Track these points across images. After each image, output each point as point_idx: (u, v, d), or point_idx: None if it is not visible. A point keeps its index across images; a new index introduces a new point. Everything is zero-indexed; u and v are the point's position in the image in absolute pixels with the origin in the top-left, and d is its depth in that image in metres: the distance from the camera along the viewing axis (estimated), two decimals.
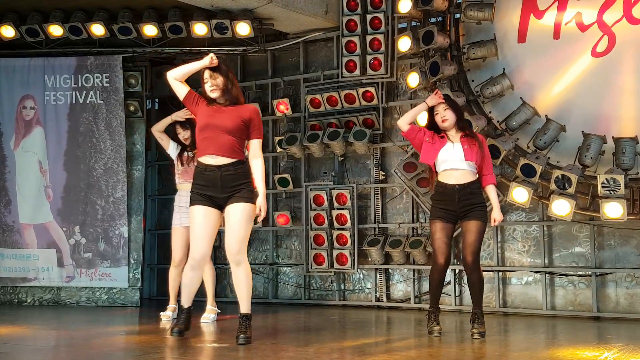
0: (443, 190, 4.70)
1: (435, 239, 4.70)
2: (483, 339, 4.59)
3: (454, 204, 4.66)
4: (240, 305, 4.40)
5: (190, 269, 4.46)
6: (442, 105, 4.76)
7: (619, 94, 5.91)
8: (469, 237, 4.65)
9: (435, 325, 4.75)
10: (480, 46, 6.29)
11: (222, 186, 4.35)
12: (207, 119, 4.40)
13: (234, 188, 4.36)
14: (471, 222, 4.65)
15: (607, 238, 6.13)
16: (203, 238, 4.39)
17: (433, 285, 4.79)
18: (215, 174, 4.35)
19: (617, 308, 6.04)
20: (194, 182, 4.45)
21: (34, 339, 4.95)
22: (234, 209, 4.35)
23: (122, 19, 7.24)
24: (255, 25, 7.02)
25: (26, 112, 7.55)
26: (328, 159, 7.37)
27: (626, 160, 5.61)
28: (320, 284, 7.36)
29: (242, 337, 4.29)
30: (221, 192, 4.36)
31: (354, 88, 7.00)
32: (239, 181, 4.37)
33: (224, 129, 4.36)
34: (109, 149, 7.44)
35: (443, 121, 4.73)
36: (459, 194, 4.64)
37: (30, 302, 7.44)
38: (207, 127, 4.39)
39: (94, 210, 7.41)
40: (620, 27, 5.92)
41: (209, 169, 4.37)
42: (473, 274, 4.67)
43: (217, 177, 4.35)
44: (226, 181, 4.35)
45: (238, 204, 4.34)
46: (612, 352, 4.08)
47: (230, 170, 4.35)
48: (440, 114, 4.74)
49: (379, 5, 6.88)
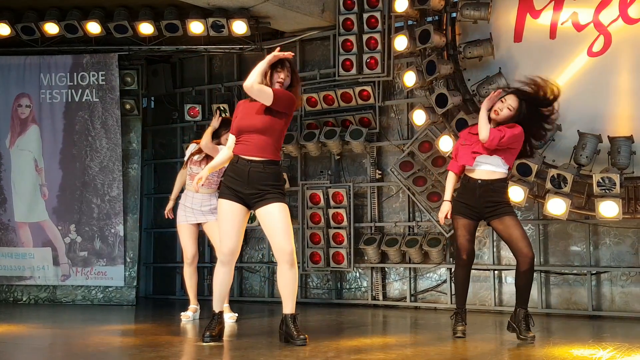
0: (466, 183, 4.65)
1: (458, 236, 4.64)
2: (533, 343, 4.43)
3: (473, 200, 4.57)
4: (286, 306, 4.30)
5: (221, 265, 4.33)
6: (512, 101, 4.55)
7: (614, 94, 5.93)
8: (514, 231, 4.48)
9: (458, 325, 4.63)
10: (477, 45, 6.30)
11: (249, 182, 4.22)
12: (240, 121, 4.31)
13: (262, 188, 4.24)
14: (505, 217, 4.51)
15: (603, 237, 6.15)
16: (230, 233, 4.28)
17: (458, 283, 4.71)
18: (244, 167, 4.25)
19: (612, 307, 6.06)
20: (226, 172, 4.40)
21: (29, 337, 4.94)
22: (275, 209, 4.22)
23: (118, 17, 7.22)
24: (252, 24, 7.01)
25: (22, 110, 7.53)
26: (324, 158, 7.37)
27: (622, 160, 5.62)
28: (317, 283, 7.37)
29: (301, 338, 4.21)
30: (247, 187, 4.23)
31: (350, 87, 7.00)
32: (267, 181, 4.25)
33: (254, 129, 4.26)
34: (104, 148, 7.43)
35: (495, 112, 4.53)
36: (480, 190, 4.55)
37: (26, 301, 7.43)
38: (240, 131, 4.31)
39: (89, 209, 7.40)
40: (616, 27, 5.93)
41: (241, 162, 4.27)
42: (530, 271, 4.46)
43: (245, 171, 4.24)
44: (253, 178, 4.22)
45: (276, 204, 4.23)
46: (608, 351, 4.09)
47: (259, 168, 4.24)
48: (498, 106, 4.54)
49: (375, 4, 6.88)
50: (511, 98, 4.58)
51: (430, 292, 6.81)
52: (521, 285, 4.54)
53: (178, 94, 8.30)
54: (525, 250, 4.44)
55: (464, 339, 4.57)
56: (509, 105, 4.55)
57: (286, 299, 4.29)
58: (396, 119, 7.06)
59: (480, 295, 6.56)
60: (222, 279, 4.36)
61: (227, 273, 4.35)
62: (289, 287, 4.27)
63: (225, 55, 7.95)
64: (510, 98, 4.58)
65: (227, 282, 4.39)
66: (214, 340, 4.30)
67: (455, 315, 4.71)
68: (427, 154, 6.50)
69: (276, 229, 4.22)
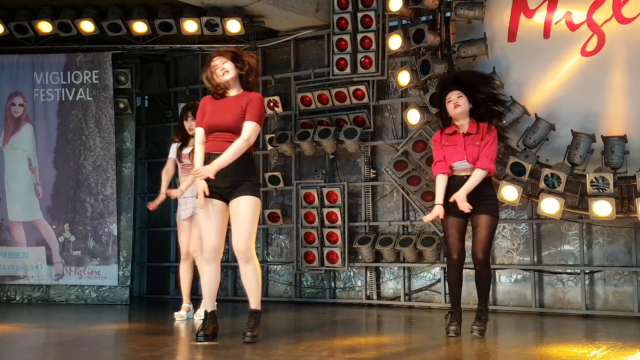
0: (451, 182, 4.67)
1: (448, 235, 4.67)
2: (482, 337, 4.57)
3: None
4: (249, 302, 4.34)
5: (206, 264, 4.36)
6: (456, 92, 4.69)
7: (608, 93, 5.94)
8: (479, 232, 4.61)
9: (452, 325, 4.66)
10: (471, 45, 6.31)
11: (223, 174, 4.24)
12: (209, 118, 4.35)
13: (235, 179, 4.26)
14: (481, 216, 4.61)
15: (596, 236, 6.16)
16: (212, 230, 4.30)
17: (451, 283, 4.75)
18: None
19: (605, 306, 6.08)
20: None
21: (23, 337, 4.92)
22: (239, 203, 4.26)
23: (112, 16, 7.20)
24: (246, 23, 7.00)
25: (15, 109, 7.51)
26: (319, 157, 7.36)
27: (615, 159, 5.64)
28: (311, 282, 7.37)
29: (248, 336, 4.25)
30: (221, 180, 4.25)
31: (344, 86, 7.00)
32: (239, 172, 4.27)
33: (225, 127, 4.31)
34: (98, 147, 7.41)
35: (456, 106, 4.64)
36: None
37: (19, 300, 7.40)
38: (210, 128, 4.34)
39: (83, 208, 7.38)
40: (609, 27, 5.95)
41: (212, 158, 4.29)
42: (482, 271, 4.63)
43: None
44: (227, 170, 4.24)
45: (242, 197, 4.25)
46: (601, 350, 4.11)
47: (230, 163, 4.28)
48: (452, 100, 4.66)
49: (369, 3, 6.88)
50: (454, 92, 4.69)
51: (425, 291, 6.82)
52: (476, 284, 4.73)
53: (172, 93, 8.28)
54: (478, 254, 4.61)
55: (458, 338, 4.58)
56: (459, 94, 4.67)
57: (249, 295, 4.36)
58: (390, 119, 7.06)
59: (475, 295, 6.55)
60: (209, 277, 4.37)
61: (214, 271, 4.36)
62: (249, 283, 4.34)
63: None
64: (454, 93, 4.69)
65: (215, 280, 4.40)
66: (207, 339, 4.30)
67: (450, 315, 4.73)
68: (421, 153, 6.50)
69: (235, 225, 4.28)
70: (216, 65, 4.40)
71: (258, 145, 7.57)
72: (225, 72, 4.37)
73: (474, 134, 4.68)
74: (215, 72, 4.39)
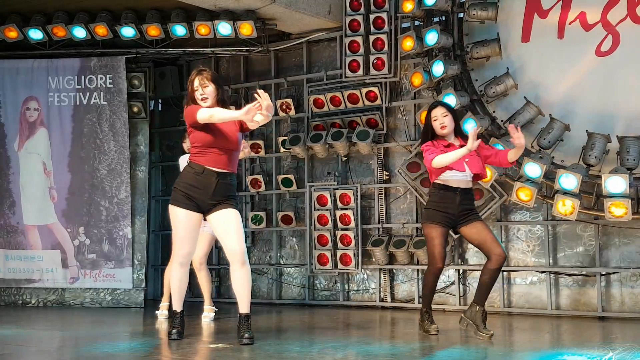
0: (445, 192, 4.70)
1: (435, 245, 4.71)
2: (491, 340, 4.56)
3: (454, 207, 4.67)
4: (241, 306, 4.40)
5: (180, 266, 4.52)
6: (441, 109, 4.76)
7: (623, 93, 5.89)
8: (488, 234, 4.66)
9: (431, 324, 4.81)
10: (484, 45, 6.28)
11: (214, 192, 4.39)
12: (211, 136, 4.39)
13: (222, 198, 4.42)
14: (477, 222, 4.69)
15: (612, 237, 6.11)
16: (187, 239, 4.46)
17: (428, 287, 4.83)
18: (211, 179, 4.38)
19: (622, 308, 6.02)
20: (183, 180, 4.46)
21: (38, 340, 4.95)
22: (228, 214, 4.41)
23: (125, 20, 7.25)
24: (259, 26, 7.01)
25: (30, 113, 7.57)
26: (331, 159, 7.36)
27: (630, 160, 5.59)
28: (324, 285, 7.36)
29: (247, 337, 4.31)
30: (211, 198, 4.40)
31: (357, 88, 6.99)
32: (229, 192, 4.46)
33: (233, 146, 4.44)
34: (112, 150, 7.45)
35: (442, 127, 4.73)
36: (460, 197, 4.68)
37: (35, 303, 7.45)
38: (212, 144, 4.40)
39: (98, 211, 7.42)
40: (624, 27, 5.90)
41: (207, 172, 4.39)
42: (499, 271, 4.66)
43: (211, 183, 4.38)
44: (220, 189, 4.40)
45: (230, 209, 4.42)
46: (617, 352, 4.06)
47: (227, 180, 4.44)
48: (439, 120, 4.73)
49: (382, 5, 6.87)
50: (439, 110, 4.75)
51: (439, 293, 6.78)
52: (486, 282, 4.69)
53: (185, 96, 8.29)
54: (499, 250, 4.63)
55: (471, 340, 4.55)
56: (444, 113, 4.73)
57: (240, 299, 4.42)
58: (403, 120, 7.04)
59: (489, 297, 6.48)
60: (181, 281, 4.55)
61: (185, 273, 4.57)
62: (243, 286, 4.42)
63: (232, 57, 7.96)
64: (437, 110, 4.75)
65: (185, 282, 4.60)
66: (180, 336, 4.52)
67: (426, 315, 4.84)
68: None
69: (230, 231, 4.39)
70: (197, 87, 4.47)
71: (271, 147, 7.59)
72: (204, 99, 4.46)
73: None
74: (194, 94, 4.48)
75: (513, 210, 6.46)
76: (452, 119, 4.75)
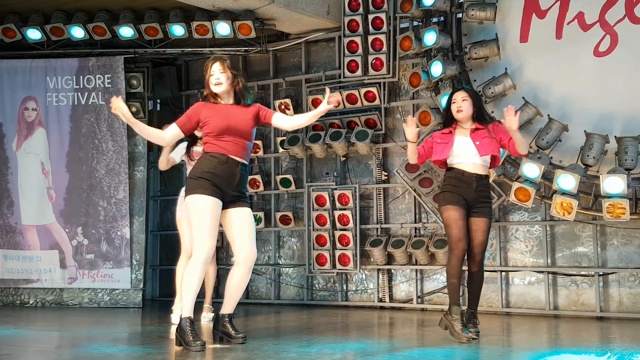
0: (460, 177, 4.59)
1: (457, 226, 4.51)
2: (477, 338, 4.58)
3: (470, 193, 4.57)
4: (230, 306, 4.35)
5: (204, 264, 4.16)
6: (462, 94, 4.69)
7: (621, 94, 5.90)
8: (479, 236, 4.61)
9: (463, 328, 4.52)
10: (483, 46, 6.28)
11: (237, 184, 4.27)
12: (223, 121, 4.28)
13: (241, 190, 4.32)
14: (481, 219, 4.60)
15: (610, 238, 6.11)
16: (214, 231, 4.20)
17: (455, 275, 4.52)
18: (235, 169, 4.26)
19: (620, 308, 6.03)
20: (206, 169, 4.23)
21: (36, 340, 4.95)
22: (245, 214, 4.30)
23: (124, 20, 7.24)
24: (257, 26, 7.01)
25: (28, 113, 7.56)
26: (330, 160, 7.36)
27: (629, 160, 5.60)
28: (323, 285, 7.36)
29: (242, 336, 4.29)
30: (233, 188, 4.26)
31: (356, 88, 6.99)
32: (243, 184, 4.35)
33: (240, 133, 4.31)
34: (110, 150, 7.45)
35: (458, 111, 4.66)
36: (477, 183, 4.58)
37: (33, 304, 7.45)
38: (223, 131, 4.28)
39: (96, 212, 7.42)
40: (622, 27, 5.90)
41: (231, 162, 4.25)
42: (479, 274, 4.65)
43: (235, 173, 4.27)
44: (241, 180, 4.31)
45: (245, 208, 4.32)
46: (616, 352, 4.06)
47: (244, 171, 4.34)
48: (457, 103, 4.67)
49: (380, 5, 6.87)
50: (460, 94, 4.69)
51: (437, 293, 6.78)
52: (470, 286, 4.71)
53: (184, 97, 8.31)
54: (477, 257, 4.63)
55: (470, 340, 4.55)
56: (464, 97, 4.66)
57: (231, 300, 4.34)
58: (402, 120, 7.04)
59: (487, 297, 6.53)
60: (202, 278, 4.20)
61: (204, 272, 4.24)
62: (238, 289, 4.34)
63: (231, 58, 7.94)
64: (458, 94, 4.70)
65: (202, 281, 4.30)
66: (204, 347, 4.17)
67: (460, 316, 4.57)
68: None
69: (243, 235, 4.27)
70: (213, 72, 4.38)
71: (270, 148, 7.59)
72: (218, 84, 4.36)
73: (482, 129, 4.65)
74: (209, 79, 4.39)
75: (511, 211, 6.46)
76: (471, 104, 4.64)
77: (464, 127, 4.68)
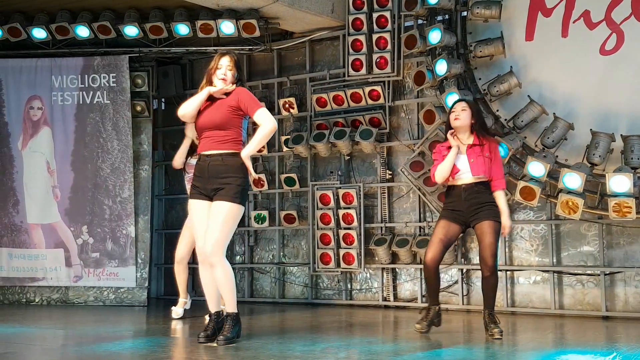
0: (451, 191, 4.76)
1: (433, 234, 4.72)
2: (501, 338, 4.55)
3: (461, 203, 4.67)
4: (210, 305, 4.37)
5: (201, 265, 4.31)
6: (461, 104, 4.80)
7: (627, 92, 5.87)
8: (485, 238, 4.60)
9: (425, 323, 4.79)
10: (488, 44, 6.26)
11: (209, 176, 4.30)
12: (198, 120, 4.42)
13: (221, 181, 4.28)
14: (484, 222, 4.62)
15: (616, 237, 6.09)
16: (201, 234, 4.30)
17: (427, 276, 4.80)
18: (204, 163, 4.36)
19: (626, 307, 6.00)
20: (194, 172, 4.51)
21: (42, 338, 4.96)
22: (217, 207, 4.27)
23: (129, 19, 7.25)
24: (261, 25, 7.01)
25: (33, 112, 7.58)
26: (334, 158, 7.35)
27: (635, 159, 5.57)
28: (327, 284, 7.35)
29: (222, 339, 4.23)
30: (207, 182, 4.31)
31: (360, 87, 6.98)
32: (227, 174, 4.28)
33: (213, 125, 4.35)
34: (116, 149, 7.46)
35: (455, 119, 4.75)
36: (466, 192, 4.67)
37: (39, 302, 7.47)
38: (201, 129, 4.42)
39: (101, 210, 7.43)
40: (628, 25, 5.88)
41: (201, 158, 4.40)
42: (492, 277, 4.64)
43: (205, 167, 4.35)
44: (213, 171, 4.30)
45: (222, 202, 4.26)
46: (621, 352, 4.05)
47: (218, 161, 4.30)
48: (455, 112, 4.77)
49: (385, 3, 6.86)
50: (460, 104, 4.82)
51: (442, 292, 6.76)
52: (484, 289, 4.72)
53: (188, 95, 8.19)
54: (488, 260, 4.60)
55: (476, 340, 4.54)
56: (463, 107, 4.77)
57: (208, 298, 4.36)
58: (406, 119, 7.03)
59: None
60: (211, 279, 4.31)
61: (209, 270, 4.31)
62: (212, 286, 4.32)
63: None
64: (458, 104, 4.82)
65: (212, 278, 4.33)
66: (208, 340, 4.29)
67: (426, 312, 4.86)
68: None
69: (210, 226, 4.26)
70: (221, 66, 4.43)
71: (274, 146, 7.59)
72: (224, 79, 4.41)
73: (478, 145, 4.72)
74: (215, 72, 4.43)
75: (517, 210, 6.44)
76: (469, 114, 4.75)
77: (462, 139, 4.75)
